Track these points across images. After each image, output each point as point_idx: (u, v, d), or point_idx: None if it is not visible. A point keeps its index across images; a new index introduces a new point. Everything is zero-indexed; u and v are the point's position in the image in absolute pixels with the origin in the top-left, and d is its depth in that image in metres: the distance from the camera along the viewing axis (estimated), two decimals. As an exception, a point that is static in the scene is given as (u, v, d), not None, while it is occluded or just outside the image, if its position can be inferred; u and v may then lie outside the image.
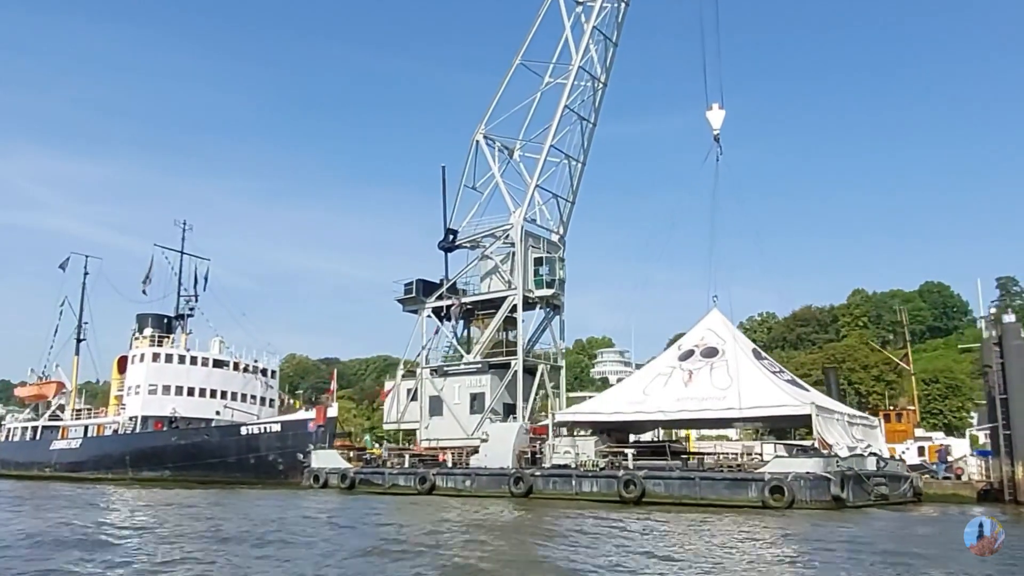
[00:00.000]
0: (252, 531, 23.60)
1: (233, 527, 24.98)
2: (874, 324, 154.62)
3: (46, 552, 18.80)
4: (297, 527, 25.37)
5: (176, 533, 23.48)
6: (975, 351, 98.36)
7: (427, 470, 43.44)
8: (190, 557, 18.11)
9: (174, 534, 23.26)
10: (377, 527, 25.83)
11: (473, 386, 49.56)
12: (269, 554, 18.88)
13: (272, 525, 25.50)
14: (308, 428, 56.32)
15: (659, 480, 35.69)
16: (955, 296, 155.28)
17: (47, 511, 32.45)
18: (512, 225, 49.69)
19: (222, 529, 24.35)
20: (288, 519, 28.31)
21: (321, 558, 18.08)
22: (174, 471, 59.93)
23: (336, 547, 20.04)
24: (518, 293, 48.80)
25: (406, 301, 53.68)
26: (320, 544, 20.77)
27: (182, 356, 66.10)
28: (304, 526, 25.89)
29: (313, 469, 48.19)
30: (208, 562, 17.39)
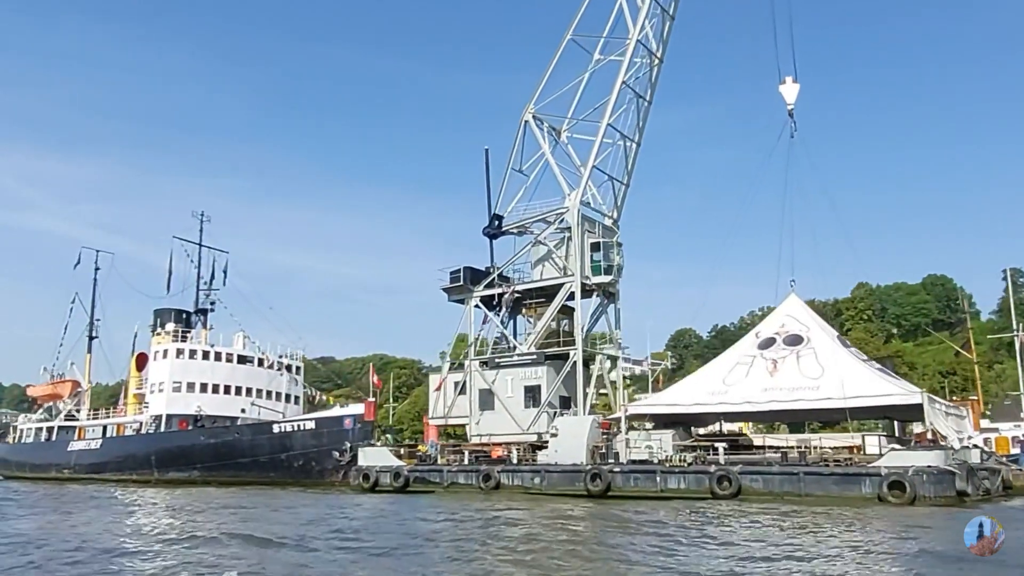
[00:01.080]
0: (359, 538, 20.33)
1: (319, 530, 21.69)
2: (879, 317, 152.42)
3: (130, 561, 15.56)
4: (397, 533, 22.06)
5: (271, 540, 20.17)
6: (984, 344, 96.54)
7: (491, 467, 40.13)
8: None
9: (271, 540, 19.97)
10: (504, 537, 22.50)
11: (528, 378, 46.26)
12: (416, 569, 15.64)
13: (376, 533, 22.19)
14: (344, 425, 52.89)
15: (756, 475, 32.61)
16: (958, 289, 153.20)
17: (91, 514, 29.05)
18: (567, 208, 46.45)
19: (310, 534, 21.07)
20: (382, 525, 24.99)
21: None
22: (202, 471, 56.33)
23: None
24: (575, 280, 45.57)
25: (452, 290, 50.31)
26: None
27: (206, 352, 62.43)
28: (400, 534, 22.57)
29: (362, 468, 44.70)
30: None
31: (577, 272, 45.51)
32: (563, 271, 46.87)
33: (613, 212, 49.13)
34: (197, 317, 67.37)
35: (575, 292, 45.64)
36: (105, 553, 18.27)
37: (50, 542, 20.64)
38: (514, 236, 50.35)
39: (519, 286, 47.53)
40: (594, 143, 46.30)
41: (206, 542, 20.32)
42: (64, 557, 17.61)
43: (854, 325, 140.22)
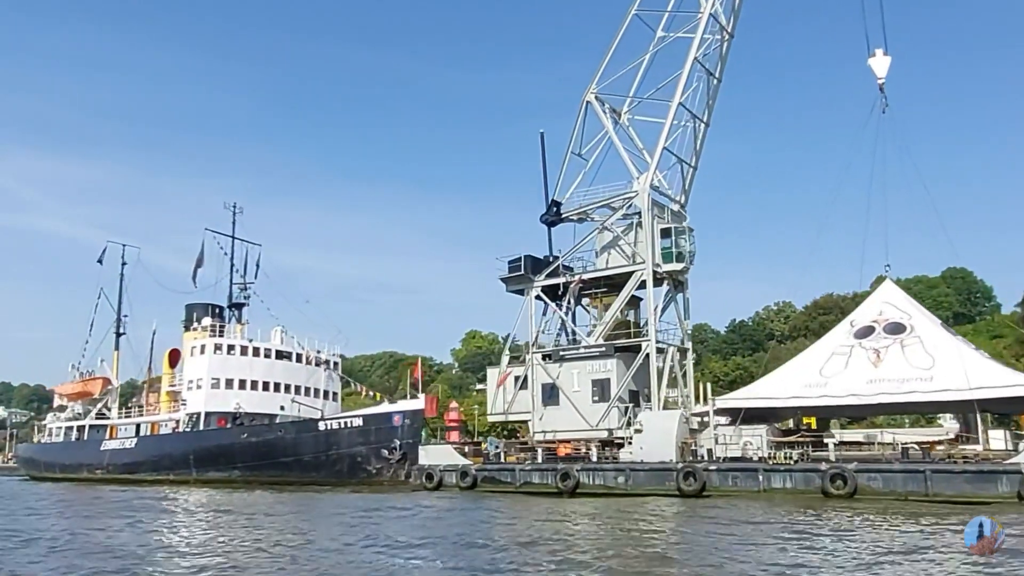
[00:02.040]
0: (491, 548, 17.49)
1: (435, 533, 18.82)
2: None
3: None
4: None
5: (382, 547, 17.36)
6: (1008, 336, 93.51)
7: (569, 466, 37.28)
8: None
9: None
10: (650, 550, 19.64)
11: (596, 372, 43.39)
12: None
13: (532, 545, 19.31)
14: (393, 422, 50.03)
15: (875, 474, 29.79)
16: (979, 282, 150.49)
17: (156, 519, 26.22)
18: (636, 192, 43.59)
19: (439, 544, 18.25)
20: (512, 532, 22.10)
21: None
22: (244, 471, 53.52)
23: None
24: (647, 268, 42.71)
25: (511, 280, 47.40)
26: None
27: (244, 347, 59.49)
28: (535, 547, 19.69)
29: (424, 467, 41.86)
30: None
31: (648, 259, 42.67)
32: (632, 259, 44.04)
33: (680, 197, 46.26)
34: (231, 312, 64.57)
35: (646, 280, 42.82)
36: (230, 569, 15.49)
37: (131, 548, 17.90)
38: (574, 223, 47.59)
39: (586, 275, 44.64)
40: (664, 123, 43.42)
41: (348, 550, 17.52)
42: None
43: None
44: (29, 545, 20.47)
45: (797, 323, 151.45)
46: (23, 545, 20.50)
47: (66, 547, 19.92)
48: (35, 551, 19.36)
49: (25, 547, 20.08)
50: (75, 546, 20.15)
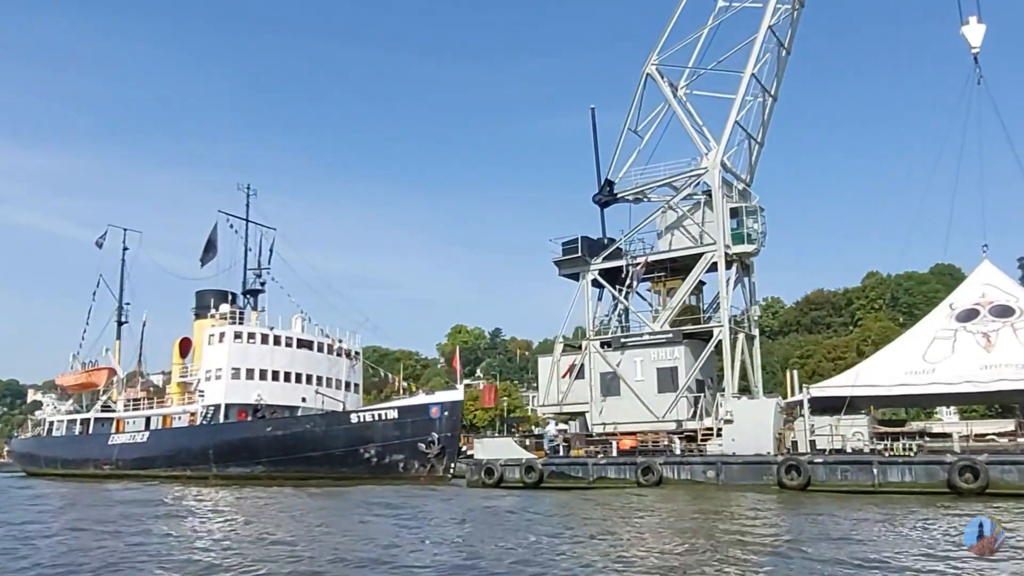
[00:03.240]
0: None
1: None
2: (890, 307, 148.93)
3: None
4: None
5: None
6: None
7: (651, 459, 34.21)
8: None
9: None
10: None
11: (662, 359, 40.35)
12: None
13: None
14: (431, 414, 46.72)
15: (1010, 466, 27.10)
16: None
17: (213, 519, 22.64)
18: (706, 169, 40.59)
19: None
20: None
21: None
22: (268, 466, 49.77)
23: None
24: (718, 249, 39.77)
25: (566, 263, 44.14)
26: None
27: (264, 336, 55.66)
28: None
29: (482, 462, 38.49)
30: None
31: (720, 241, 39.72)
32: (699, 240, 41.09)
33: (745, 175, 43.35)
34: (246, 299, 60.57)
35: (718, 263, 39.90)
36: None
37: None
38: (629, 204, 44.54)
39: (652, 256, 41.56)
40: (733, 97, 40.37)
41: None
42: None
43: (865, 315, 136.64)
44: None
45: (788, 319, 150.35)
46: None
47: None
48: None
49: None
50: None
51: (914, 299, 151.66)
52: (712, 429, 36.91)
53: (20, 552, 16.61)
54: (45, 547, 17.48)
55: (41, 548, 17.27)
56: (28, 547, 17.36)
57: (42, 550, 16.97)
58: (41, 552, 16.70)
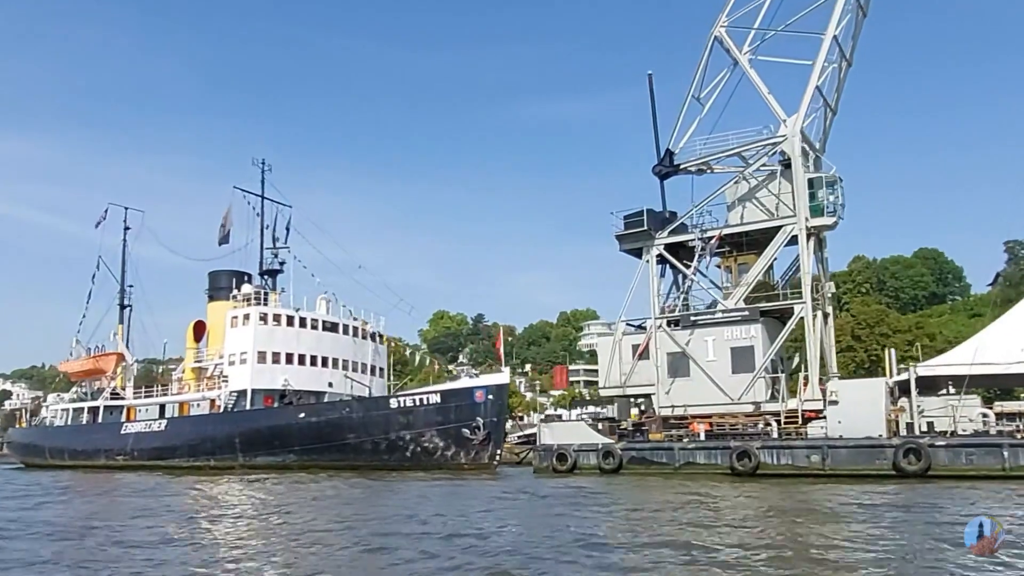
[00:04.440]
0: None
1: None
2: (876, 291, 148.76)
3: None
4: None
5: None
6: (987, 315, 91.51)
7: (747, 443, 31.65)
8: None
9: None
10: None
11: (736, 338, 37.77)
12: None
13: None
14: (475, 398, 43.73)
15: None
16: (950, 262, 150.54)
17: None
18: (785, 137, 37.96)
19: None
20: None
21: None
22: (301, 455, 46.49)
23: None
24: (799, 222, 37.24)
25: (628, 237, 41.31)
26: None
27: (290, 318, 52.18)
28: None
29: (552, 447, 35.66)
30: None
31: (800, 213, 37.18)
32: (774, 213, 38.53)
33: (818, 144, 40.79)
34: (264, 279, 56.83)
35: (798, 236, 37.36)
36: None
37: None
38: (691, 175, 41.86)
39: (727, 230, 38.89)
40: (816, 60, 37.67)
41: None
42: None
43: (851, 298, 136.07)
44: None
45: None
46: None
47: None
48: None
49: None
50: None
51: (900, 283, 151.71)
52: (797, 411, 34.56)
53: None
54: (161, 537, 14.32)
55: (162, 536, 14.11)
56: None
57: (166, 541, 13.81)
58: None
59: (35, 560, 14.05)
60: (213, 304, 57.77)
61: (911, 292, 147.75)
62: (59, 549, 15.28)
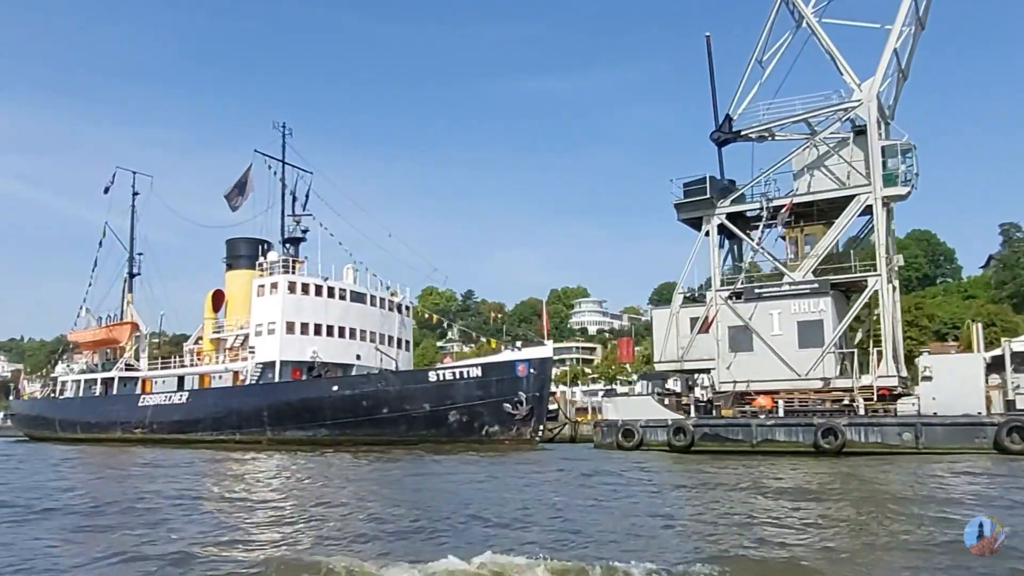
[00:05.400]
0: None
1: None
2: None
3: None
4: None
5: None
6: (981, 297, 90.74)
7: (833, 420, 29.89)
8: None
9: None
10: None
11: (803, 312, 35.96)
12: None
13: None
14: (517, 372, 41.73)
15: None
16: (942, 243, 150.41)
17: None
18: (860, 102, 35.97)
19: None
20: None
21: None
22: (333, 429, 44.28)
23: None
24: (874, 191, 35.37)
25: (687, 206, 39.24)
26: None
27: (319, 287, 49.69)
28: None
29: (617, 423, 33.73)
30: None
31: (876, 182, 35.31)
32: (844, 181, 36.66)
33: (887, 111, 38.83)
34: (286, 248, 54.11)
35: (872, 206, 35.51)
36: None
37: None
38: (752, 143, 39.84)
39: (798, 198, 36.94)
40: (894, 23, 35.66)
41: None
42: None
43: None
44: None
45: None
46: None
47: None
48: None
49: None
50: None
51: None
52: (871, 387, 32.92)
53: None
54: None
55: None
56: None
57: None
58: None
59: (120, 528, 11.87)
60: (232, 273, 55.17)
61: (904, 273, 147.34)
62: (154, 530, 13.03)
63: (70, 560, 10.57)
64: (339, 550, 10.54)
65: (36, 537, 12.50)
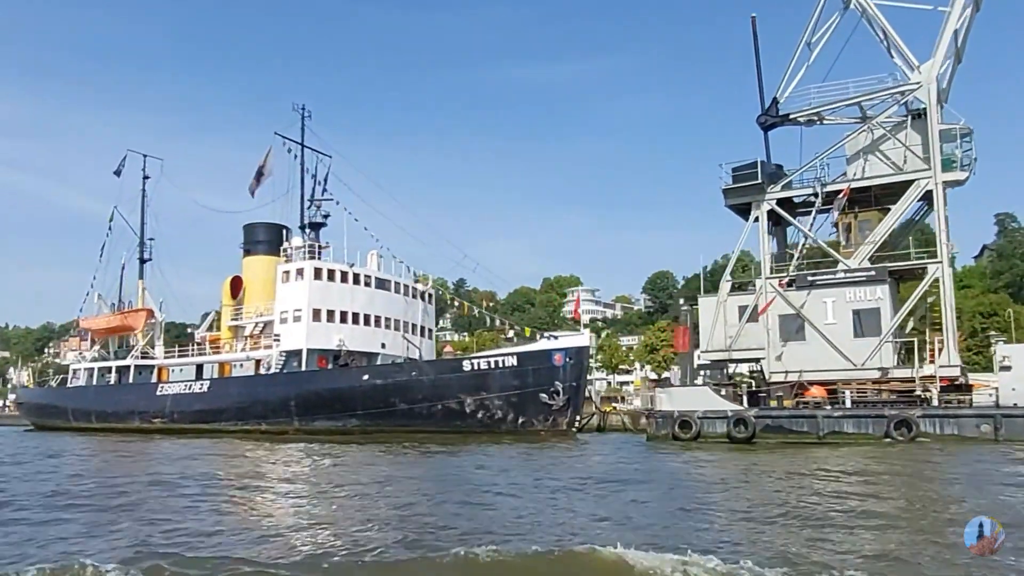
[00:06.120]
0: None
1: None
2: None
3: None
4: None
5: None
6: (976, 286, 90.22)
7: (903, 411, 28.81)
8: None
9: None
10: None
11: (859, 300, 34.83)
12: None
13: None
14: (554, 361, 40.45)
15: None
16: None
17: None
18: (919, 84, 34.77)
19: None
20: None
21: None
22: (363, 420, 42.80)
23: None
24: (934, 176, 34.26)
25: (736, 191, 37.90)
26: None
27: (344, 274, 48.04)
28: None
29: (673, 414, 32.49)
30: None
31: (936, 167, 34.19)
32: (899, 167, 35.51)
33: (941, 94, 37.66)
34: (308, 233, 52.31)
35: (932, 191, 34.40)
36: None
37: None
38: (800, 127, 38.59)
39: (855, 183, 35.73)
40: (953, 7, 34.43)
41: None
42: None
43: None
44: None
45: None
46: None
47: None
48: None
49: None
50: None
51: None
52: (934, 377, 31.89)
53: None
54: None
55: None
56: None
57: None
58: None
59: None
60: (249, 259, 53.49)
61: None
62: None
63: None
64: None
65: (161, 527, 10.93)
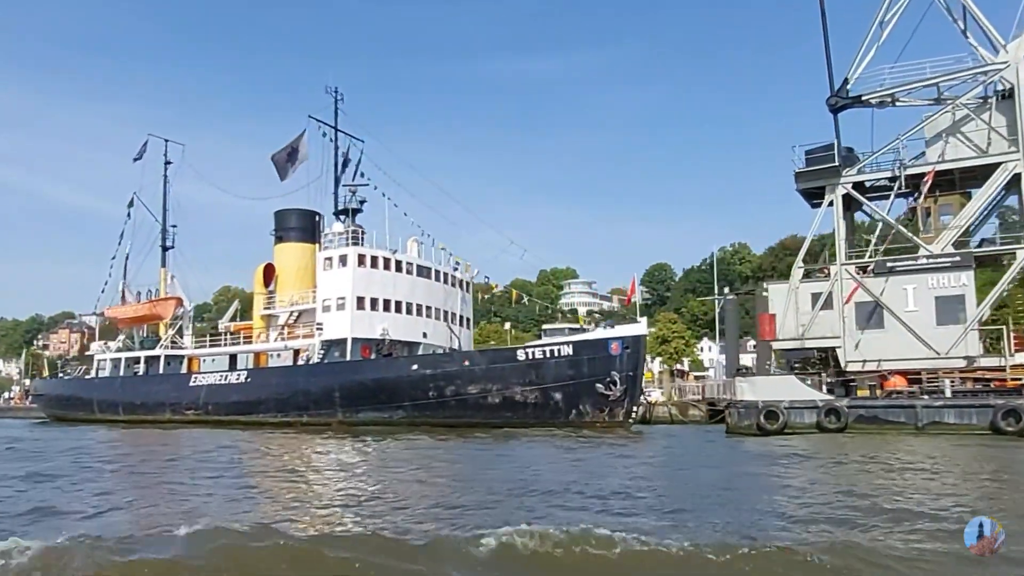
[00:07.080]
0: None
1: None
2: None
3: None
4: None
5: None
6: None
7: (1012, 401, 27.34)
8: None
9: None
10: None
11: (943, 287, 33.30)
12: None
13: None
14: (610, 351, 38.79)
15: None
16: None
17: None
18: (1007, 64, 33.24)
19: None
20: None
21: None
22: (411, 411, 40.94)
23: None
24: (1022, 157, 32.81)
25: (809, 174, 36.32)
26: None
27: (387, 261, 46.08)
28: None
29: (757, 404, 30.85)
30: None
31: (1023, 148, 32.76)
32: (984, 149, 34.01)
33: (1016, 77, 36.21)
34: (343, 219, 50.19)
35: (1021, 174, 32.93)
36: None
37: None
38: (871, 108, 37.02)
39: (941, 165, 34.18)
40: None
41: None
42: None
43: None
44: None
45: (763, 263, 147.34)
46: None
47: None
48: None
49: None
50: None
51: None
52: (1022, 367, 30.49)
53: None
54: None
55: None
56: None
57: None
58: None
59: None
60: (281, 246, 51.43)
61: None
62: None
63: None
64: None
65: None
